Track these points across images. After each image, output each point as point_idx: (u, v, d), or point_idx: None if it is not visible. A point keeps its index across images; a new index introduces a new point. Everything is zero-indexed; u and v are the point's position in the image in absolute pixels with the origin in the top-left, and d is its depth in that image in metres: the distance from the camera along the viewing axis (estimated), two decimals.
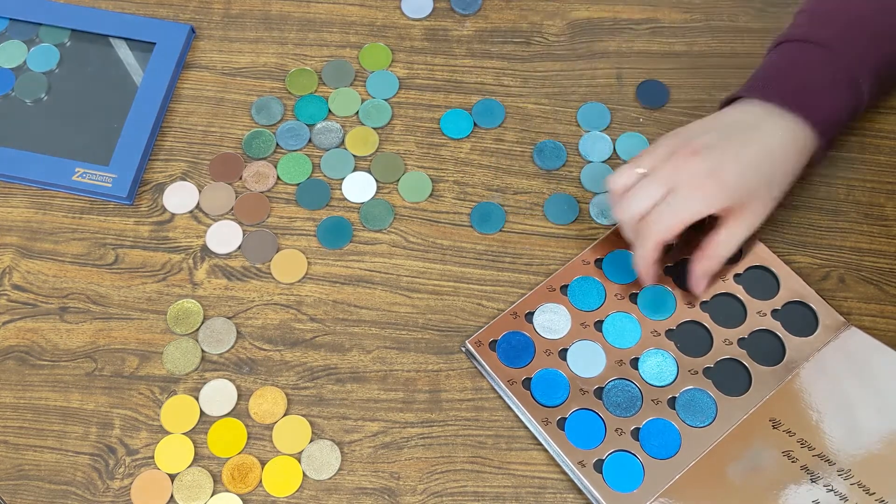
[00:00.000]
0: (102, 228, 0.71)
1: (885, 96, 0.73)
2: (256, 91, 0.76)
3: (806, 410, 0.62)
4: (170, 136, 0.74)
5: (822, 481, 0.59)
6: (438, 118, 0.75)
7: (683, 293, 0.67)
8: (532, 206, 0.71)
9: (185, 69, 0.77)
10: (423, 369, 0.66)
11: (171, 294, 0.68)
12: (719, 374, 0.64)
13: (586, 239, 0.70)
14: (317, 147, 0.74)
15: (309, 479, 0.62)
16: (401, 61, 0.77)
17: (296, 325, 0.67)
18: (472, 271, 0.69)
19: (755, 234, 0.69)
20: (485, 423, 0.64)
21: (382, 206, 0.71)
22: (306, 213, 0.71)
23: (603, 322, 0.66)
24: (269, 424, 0.64)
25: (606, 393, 0.63)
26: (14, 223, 0.71)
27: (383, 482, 0.62)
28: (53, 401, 0.65)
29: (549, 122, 0.74)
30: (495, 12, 0.79)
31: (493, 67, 0.77)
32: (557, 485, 0.62)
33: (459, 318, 0.67)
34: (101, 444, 0.64)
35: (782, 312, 0.66)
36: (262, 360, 0.66)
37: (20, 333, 0.67)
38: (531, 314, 0.66)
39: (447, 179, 0.72)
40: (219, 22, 0.79)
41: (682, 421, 0.62)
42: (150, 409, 0.65)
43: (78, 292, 0.68)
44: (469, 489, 0.62)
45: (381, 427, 0.64)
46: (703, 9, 0.79)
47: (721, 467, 0.60)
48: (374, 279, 0.69)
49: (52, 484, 0.62)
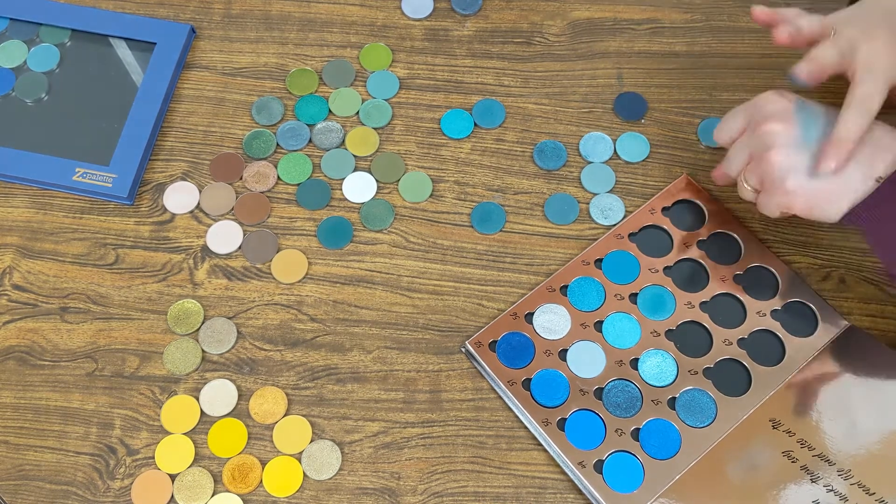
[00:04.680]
0: (103, 228, 0.71)
1: None
2: (257, 91, 0.76)
3: (806, 411, 0.62)
4: (170, 137, 0.74)
5: (822, 481, 0.59)
6: (439, 118, 0.75)
7: (683, 293, 0.67)
8: (532, 206, 0.71)
9: (185, 69, 0.77)
10: (424, 369, 0.66)
11: (172, 294, 0.68)
12: (719, 374, 0.64)
13: (586, 239, 0.70)
14: (317, 147, 0.74)
15: (309, 480, 0.62)
16: (401, 61, 0.77)
17: (296, 325, 0.67)
18: (472, 271, 0.69)
19: (755, 235, 0.69)
20: (485, 424, 0.64)
21: (383, 206, 0.71)
22: (307, 213, 0.71)
23: (603, 322, 0.66)
24: (269, 424, 0.64)
25: (606, 393, 0.64)
26: (14, 223, 0.71)
27: (384, 482, 0.62)
28: (54, 401, 0.65)
29: (550, 123, 0.74)
30: (496, 12, 0.79)
31: (494, 67, 0.77)
32: (558, 485, 0.62)
33: (460, 318, 0.67)
34: (102, 445, 0.64)
35: (782, 312, 0.66)
36: (262, 360, 0.66)
37: (21, 333, 0.67)
38: (531, 315, 0.66)
39: (447, 179, 0.72)
40: (219, 22, 0.79)
41: (682, 421, 0.62)
42: (151, 409, 0.65)
43: (78, 292, 0.68)
44: (469, 489, 0.62)
45: (381, 427, 0.64)
46: (703, 9, 0.79)
47: (721, 467, 0.60)
48: (375, 279, 0.69)
49: (53, 484, 0.62)
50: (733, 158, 0.63)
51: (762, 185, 0.61)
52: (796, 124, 0.59)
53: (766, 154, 0.59)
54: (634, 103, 0.75)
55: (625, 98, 0.75)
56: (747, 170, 0.62)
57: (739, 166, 0.63)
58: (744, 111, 0.62)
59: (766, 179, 0.60)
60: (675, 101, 0.75)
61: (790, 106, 0.60)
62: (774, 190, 0.60)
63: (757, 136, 0.60)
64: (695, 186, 0.71)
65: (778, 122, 0.59)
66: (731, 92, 0.75)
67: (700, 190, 0.70)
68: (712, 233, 0.69)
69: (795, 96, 0.61)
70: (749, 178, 0.62)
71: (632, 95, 0.75)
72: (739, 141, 0.62)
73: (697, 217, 0.69)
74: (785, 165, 0.59)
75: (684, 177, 0.71)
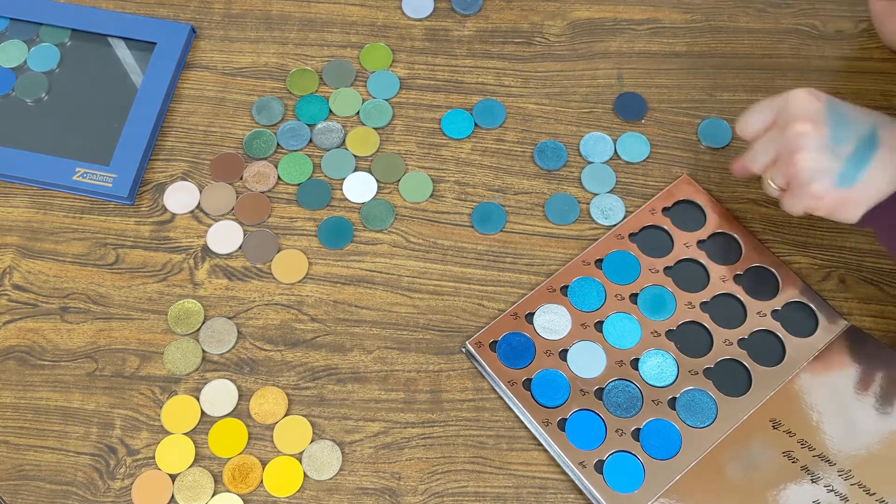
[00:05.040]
0: (103, 228, 0.71)
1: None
2: (257, 91, 0.76)
3: (806, 411, 0.62)
4: (170, 136, 0.74)
5: (823, 481, 0.59)
6: (439, 118, 0.75)
7: (683, 293, 0.67)
8: (533, 206, 0.71)
9: (185, 69, 0.77)
10: (424, 370, 0.66)
11: (172, 294, 0.68)
12: (719, 374, 0.64)
13: (587, 239, 0.70)
14: (317, 147, 0.74)
15: (310, 480, 0.62)
16: (401, 61, 0.77)
17: (297, 325, 0.67)
18: (472, 271, 0.69)
19: (755, 235, 0.69)
20: (485, 424, 0.64)
21: (383, 206, 0.71)
22: (307, 213, 0.71)
23: (603, 323, 0.66)
24: (269, 425, 0.64)
25: (607, 393, 0.64)
26: (15, 223, 0.71)
27: (384, 482, 0.62)
28: (54, 401, 0.65)
29: (550, 123, 0.74)
30: (496, 12, 0.79)
31: (494, 67, 0.77)
32: (558, 485, 0.62)
33: (460, 318, 0.67)
34: (102, 445, 0.64)
35: (782, 313, 0.66)
36: (262, 360, 0.66)
37: (21, 333, 0.67)
38: (531, 315, 0.66)
39: (448, 180, 0.72)
40: (219, 22, 0.79)
41: (682, 421, 0.62)
42: (151, 409, 0.65)
43: (79, 292, 0.68)
44: (470, 489, 0.62)
45: (381, 427, 0.64)
46: (703, 9, 0.79)
47: (721, 468, 0.60)
48: (375, 279, 0.69)
49: (53, 484, 0.62)
50: (758, 154, 0.62)
51: (788, 185, 0.60)
52: (827, 126, 0.58)
53: (794, 156, 0.58)
54: (634, 103, 0.75)
55: (625, 98, 0.75)
56: (774, 169, 0.61)
57: (764, 163, 0.62)
58: (772, 107, 0.61)
59: (792, 181, 0.59)
60: (675, 101, 0.75)
61: (822, 107, 0.59)
62: (801, 192, 0.59)
63: (786, 136, 0.59)
64: (695, 186, 0.71)
65: (808, 124, 0.58)
66: (731, 92, 0.75)
67: (700, 190, 0.70)
68: (712, 233, 0.69)
69: (827, 97, 0.59)
70: (776, 178, 0.61)
71: (632, 95, 0.75)
72: (766, 137, 0.61)
73: (698, 217, 0.69)
74: (813, 169, 0.58)
75: (684, 177, 0.71)
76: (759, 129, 0.62)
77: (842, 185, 0.58)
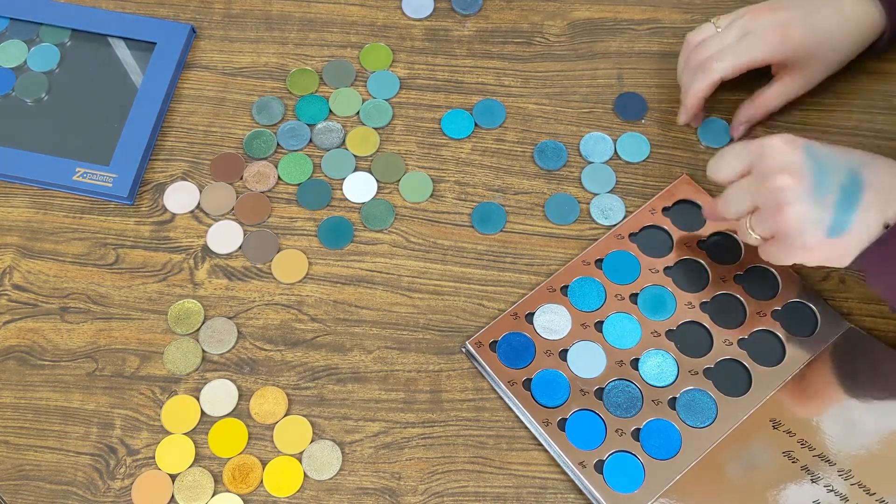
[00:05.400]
0: (103, 228, 0.71)
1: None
2: (257, 91, 0.76)
3: (806, 411, 0.62)
4: (170, 136, 0.74)
5: (823, 481, 0.59)
6: (439, 118, 0.75)
7: (683, 293, 0.67)
8: (533, 206, 0.71)
9: (185, 69, 0.77)
10: (424, 369, 0.66)
11: (172, 294, 0.68)
12: (719, 374, 0.64)
13: (587, 239, 0.70)
14: (317, 147, 0.74)
15: (310, 480, 0.62)
16: (401, 61, 0.77)
17: (297, 325, 0.67)
18: (472, 271, 0.69)
19: None
20: (485, 424, 0.64)
21: (383, 206, 0.71)
22: (307, 213, 0.71)
23: (603, 322, 0.66)
24: (270, 424, 0.64)
25: (607, 393, 0.64)
26: (14, 223, 0.71)
27: (384, 482, 0.62)
28: (54, 401, 0.65)
29: (550, 123, 0.74)
30: (496, 12, 0.79)
31: (494, 67, 0.77)
32: (558, 485, 0.62)
33: (460, 318, 0.67)
34: (102, 445, 0.64)
35: (782, 312, 0.66)
36: (262, 360, 0.66)
37: (21, 333, 0.67)
38: (531, 315, 0.66)
39: (448, 180, 0.72)
40: (219, 22, 0.79)
41: (682, 421, 0.62)
42: (151, 409, 0.65)
43: (79, 292, 0.68)
44: (470, 489, 0.62)
45: (381, 427, 0.64)
46: (703, 9, 0.79)
47: (721, 468, 0.60)
48: (375, 279, 0.69)
49: (53, 484, 0.62)
50: (733, 203, 0.60)
51: (774, 237, 0.59)
52: (809, 175, 0.56)
53: (781, 211, 0.56)
54: (634, 103, 0.75)
55: (625, 98, 0.75)
56: (754, 220, 0.59)
57: (740, 213, 0.60)
58: (746, 154, 0.59)
59: (779, 234, 0.58)
60: (675, 101, 0.75)
61: (800, 156, 0.56)
62: (790, 244, 0.57)
63: (766, 189, 0.57)
64: (695, 186, 0.71)
65: (788, 176, 0.56)
66: (731, 92, 0.75)
67: (700, 190, 0.70)
68: (712, 233, 0.69)
69: (803, 142, 0.57)
70: (757, 228, 0.59)
71: (632, 95, 0.75)
72: (740, 185, 0.59)
73: (698, 217, 0.69)
74: (802, 221, 0.56)
75: (684, 177, 0.71)
76: (732, 176, 0.60)
77: (832, 235, 0.56)
